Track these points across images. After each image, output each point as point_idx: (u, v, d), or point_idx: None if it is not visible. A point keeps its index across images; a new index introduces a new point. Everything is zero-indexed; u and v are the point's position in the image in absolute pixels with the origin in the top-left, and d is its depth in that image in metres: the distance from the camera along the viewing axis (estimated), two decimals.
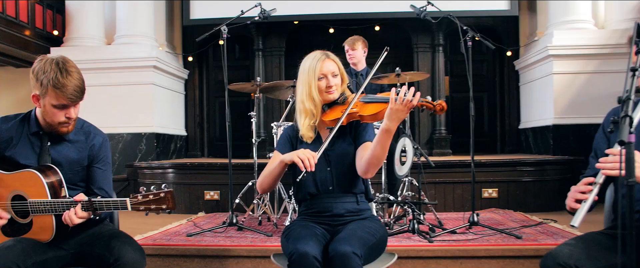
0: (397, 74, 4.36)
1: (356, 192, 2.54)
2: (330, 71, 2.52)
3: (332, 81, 2.52)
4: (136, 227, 4.56)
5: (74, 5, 7.63)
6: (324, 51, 2.58)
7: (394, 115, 2.24)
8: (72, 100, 2.31)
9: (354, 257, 2.15)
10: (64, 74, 2.27)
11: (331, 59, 2.56)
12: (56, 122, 2.36)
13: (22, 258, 2.18)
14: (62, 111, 2.34)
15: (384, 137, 2.29)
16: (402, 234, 3.92)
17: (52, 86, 2.26)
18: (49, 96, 2.30)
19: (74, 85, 2.29)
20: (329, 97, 2.54)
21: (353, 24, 7.73)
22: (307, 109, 2.53)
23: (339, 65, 2.57)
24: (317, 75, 2.51)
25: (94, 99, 7.07)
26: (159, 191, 2.22)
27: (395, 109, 2.23)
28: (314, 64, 2.52)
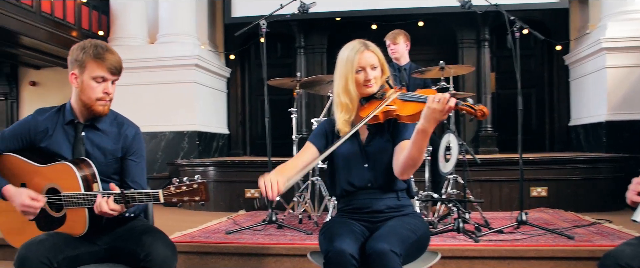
0: (441, 68, 4.21)
1: (397, 189, 2.42)
2: (369, 63, 2.36)
3: (370, 74, 2.36)
4: (175, 224, 4.55)
5: (118, 5, 7.75)
6: (363, 41, 2.42)
7: (431, 115, 2.09)
8: (111, 72, 2.32)
9: (393, 255, 2.03)
10: (104, 49, 2.33)
11: (371, 49, 2.39)
12: (94, 99, 2.34)
13: (53, 252, 2.14)
14: (100, 85, 2.33)
15: (420, 137, 2.15)
16: (446, 233, 3.77)
17: (93, 57, 2.29)
18: (89, 68, 2.31)
19: (114, 58, 2.33)
20: (367, 91, 2.38)
21: (396, 20, 7.56)
22: (343, 103, 2.39)
23: (379, 57, 2.41)
24: (355, 68, 2.35)
25: (137, 98, 7.20)
26: (191, 182, 2.14)
27: (432, 108, 2.07)
28: (352, 55, 2.37)
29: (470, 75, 7.70)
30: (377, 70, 2.40)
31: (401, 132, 2.38)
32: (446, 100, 2.06)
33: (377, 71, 2.40)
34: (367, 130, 2.45)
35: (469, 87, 7.66)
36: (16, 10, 6.65)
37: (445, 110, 2.07)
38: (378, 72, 2.41)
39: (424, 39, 8.02)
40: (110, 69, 2.30)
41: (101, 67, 2.29)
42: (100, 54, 2.29)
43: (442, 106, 2.07)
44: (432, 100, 2.08)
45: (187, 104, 7.28)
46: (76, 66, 2.33)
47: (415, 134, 2.15)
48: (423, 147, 2.19)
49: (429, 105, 2.09)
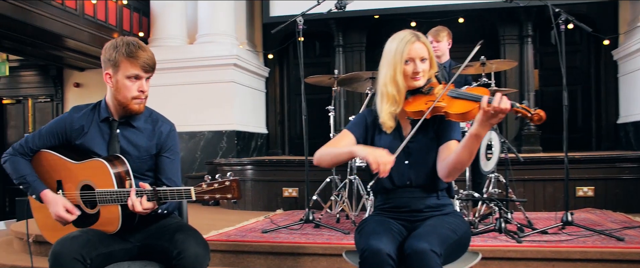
0: (482, 63, 4.08)
1: (438, 189, 2.33)
2: (419, 55, 2.27)
3: (419, 66, 2.27)
4: (212, 223, 4.56)
5: (158, 7, 7.84)
6: (415, 32, 2.32)
7: (486, 120, 2.00)
8: (145, 70, 2.30)
9: (433, 254, 1.95)
10: (137, 46, 2.30)
11: (421, 41, 2.29)
12: (129, 97, 2.33)
13: (86, 249, 2.13)
14: (135, 83, 2.31)
15: (472, 142, 2.06)
16: (487, 233, 3.66)
17: (126, 55, 2.27)
18: (123, 68, 2.29)
19: (146, 55, 2.30)
20: (414, 84, 2.29)
21: (435, 16, 7.44)
22: (389, 94, 2.30)
23: (429, 49, 2.31)
24: (404, 58, 2.26)
25: (176, 97, 7.27)
26: (224, 179, 2.11)
27: (486, 112, 1.98)
28: (402, 46, 2.27)
29: (512, 72, 7.51)
30: (426, 63, 2.31)
31: (448, 131, 2.29)
32: (501, 104, 1.96)
33: (425, 64, 2.31)
34: (411, 126, 2.36)
35: (511, 84, 7.47)
36: (60, 13, 6.80)
37: (500, 113, 1.98)
38: (427, 65, 2.31)
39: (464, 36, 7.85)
40: (144, 66, 2.28)
41: (134, 66, 2.28)
42: (132, 52, 2.26)
43: (498, 110, 1.97)
44: (486, 103, 1.98)
45: (226, 103, 7.31)
46: (110, 66, 2.32)
47: (468, 138, 2.06)
48: (474, 151, 2.10)
49: (482, 108, 1.99)
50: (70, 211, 2.31)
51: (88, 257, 2.14)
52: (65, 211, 2.30)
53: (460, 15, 7.61)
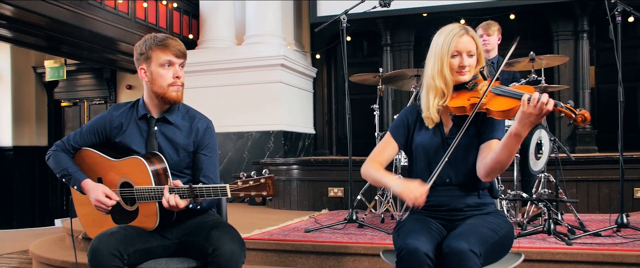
0: (531, 59, 3.95)
1: (479, 188, 2.25)
2: (467, 49, 2.20)
3: (466, 61, 2.20)
4: (257, 221, 4.58)
5: (207, 9, 7.95)
6: (463, 25, 2.26)
7: (525, 119, 1.91)
8: (176, 55, 2.34)
9: (472, 255, 1.88)
10: (164, 36, 2.37)
11: (470, 35, 2.22)
12: (165, 85, 2.36)
13: (123, 245, 2.16)
14: (169, 70, 2.35)
15: (512, 141, 1.98)
16: (535, 235, 3.53)
17: (156, 45, 2.33)
18: (155, 57, 2.34)
19: (175, 42, 2.37)
20: (460, 79, 2.22)
21: (485, 13, 7.23)
22: (437, 87, 2.23)
23: (477, 44, 2.24)
24: (451, 52, 2.20)
25: (224, 98, 7.36)
26: (259, 177, 2.10)
27: (527, 112, 1.90)
28: (450, 38, 2.21)
29: (566, 69, 7.25)
30: (473, 59, 2.24)
31: (490, 130, 2.20)
32: (543, 103, 1.88)
33: (473, 59, 2.24)
34: (452, 122, 2.30)
35: (565, 81, 7.21)
36: (113, 17, 7.00)
37: (541, 113, 1.90)
38: (474, 60, 2.24)
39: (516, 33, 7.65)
40: (175, 52, 2.34)
41: (166, 52, 2.33)
42: (161, 40, 2.33)
43: (539, 109, 1.89)
44: (526, 102, 1.90)
45: (273, 104, 7.35)
46: (142, 60, 2.37)
47: (508, 138, 1.99)
48: (514, 151, 2.02)
49: (523, 107, 1.92)
50: (109, 196, 2.34)
51: (125, 252, 2.17)
52: (104, 196, 2.33)
53: (511, 12, 7.40)
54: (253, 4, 7.67)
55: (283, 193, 5.89)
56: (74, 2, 6.41)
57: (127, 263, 2.19)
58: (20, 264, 4.65)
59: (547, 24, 7.51)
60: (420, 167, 2.31)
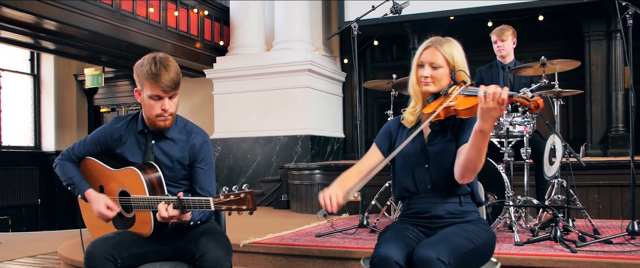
0: (542, 64, 3.91)
1: (459, 193, 2.28)
2: (429, 61, 2.25)
3: (426, 71, 2.25)
4: (273, 225, 4.68)
5: (237, 16, 8.13)
6: (437, 38, 2.32)
7: (486, 114, 1.94)
8: (164, 91, 2.36)
9: (439, 263, 1.91)
10: (159, 66, 2.35)
11: (437, 48, 2.27)
12: (154, 115, 2.43)
13: (117, 249, 2.28)
14: (157, 103, 2.40)
15: (477, 138, 2.00)
16: (543, 242, 3.49)
17: (147, 77, 2.35)
18: (146, 88, 2.39)
19: (168, 76, 2.35)
20: (424, 89, 2.28)
21: (513, 15, 7.18)
22: (413, 95, 2.35)
23: (447, 57, 2.26)
24: (417, 62, 2.29)
25: (254, 103, 7.51)
26: (239, 192, 2.18)
27: (486, 107, 1.93)
28: (419, 49, 2.31)
29: (598, 70, 7.10)
30: (438, 71, 2.27)
31: (465, 132, 2.23)
32: (496, 93, 1.91)
33: (437, 71, 2.26)
34: (430, 129, 2.34)
35: (597, 83, 7.06)
36: (146, 27, 7.25)
37: (499, 105, 1.92)
38: (440, 72, 2.27)
39: (546, 34, 7.54)
40: (164, 88, 2.35)
41: (154, 88, 2.35)
42: (153, 73, 2.33)
43: (495, 101, 1.92)
44: (483, 98, 1.93)
45: (300, 108, 7.45)
46: (138, 84, 2.45)
47: (474, 135, 2.02)
48: (482, 149, 2.05)
49: (481, 103, 1.95)
50: (111, 208, 2.46)
51: (119, 256, 2.29)
52: (106, 208, 2.45)
53: (540, 13, 7.28)
54: (282, 10, 7.80)
55: (305, 197, 5.98)
56: (109, 13, 6.69)
57: (121, 266, 2.30)
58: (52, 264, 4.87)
59: (578, 24, 7.35)
60: (402, 175, 2.35)
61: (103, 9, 6.62)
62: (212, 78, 7.99)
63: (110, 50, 7.84)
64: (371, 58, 8.73)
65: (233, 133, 7.72)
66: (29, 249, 5.27)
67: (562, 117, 7.89)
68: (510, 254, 3.24)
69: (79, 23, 6.41)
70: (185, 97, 9.50)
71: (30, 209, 9.43)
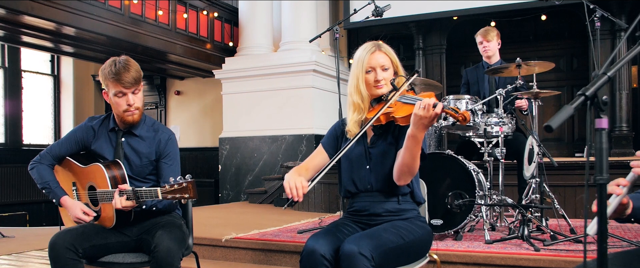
0: (517, 65, 3.96)
1: (398, 193, 2.38)
2: (380, 64, 2.35)
3: (380, 75, 2.35)
4: (264, 222, 4.84)
5: (246, 17, 8.30)
6: (377, 42, 2.43)
7: (418, 122, 2.08)
8: (126, 87, 2.58)
9: (361, 258, 2.02)
10: (118, 66, 2.58)
11: (383, 51, 2.38)
12: (121, 111, 2.64)
13: (79, 240, 2.47)
14: (122, 99, 2.61)
15: (410, 143, 2.13)
16: (512, 240, 3.57)
17: (110, 77, 2.58)
18: (111, 87, 2.61)
19: (129, 74, 2.58)
20: (377, 92, 2.36)
21: (516, 15, 7.22)
22: (355, 103, 2.40)
23: (391, 58, 2.39)
24: (365, 68, 2.36)
25: (261, 103, 7.69)
26: (182, 181, 2.34)
27: (418, 115, 2.06)
28: (363, 55, 2.37)
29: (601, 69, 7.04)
30: (389, 72, 2.38)
31: (404, 137, 2.34)
32: (429, 105, 2.04)
33: (388, 73, 2.38)
34: (373, 132, 2.45)
35: None
36: (155, 30, 7.48)
37: (430, 116, 2.05)
38: (389, 73, 2.39)
39: (551, 34, 7.53)
40: (125, 84, 2.57)
41: (117, 85, 2.58)
42: (114, 72, 2.56)
43: (427, 112, 2.05)
44: (418, 107, 2.06)
45: (305, 108, 7.59)
46: (104, 86, 2.66)
47: (406, 140, 2.14)
48: (415, 153, 2.16)
49: (415, 112, 2.08)
50: (87, 213, 2.65)
51: (80, 247, 2.48)
52: (82, 213, 2.64)
53: (543, 12, 7.28)
54: (289, 11, 7.95)
55: None
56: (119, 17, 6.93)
57: (82, 256, 2.49)
58: None
59: (581, 24, 7.30)
60: (346, 175, 2.47)
61: (114, 13, 6.86)
62: (221, 78, 8.18)
63: (125, 52, 8.07)
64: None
65: (241, 132, 7.90)
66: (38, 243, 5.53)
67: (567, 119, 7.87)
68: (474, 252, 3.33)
69: (91, 27, 6.68)
70: (197, 97, 9.73)
71: (49, 205, 9.79)
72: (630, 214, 1.71)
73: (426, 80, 4.30)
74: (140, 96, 2.69)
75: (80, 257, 2.49)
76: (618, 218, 1.73)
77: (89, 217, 2.64)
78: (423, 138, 2.16)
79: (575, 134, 7.63)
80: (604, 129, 1.28)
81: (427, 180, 3.72)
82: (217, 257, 4.08)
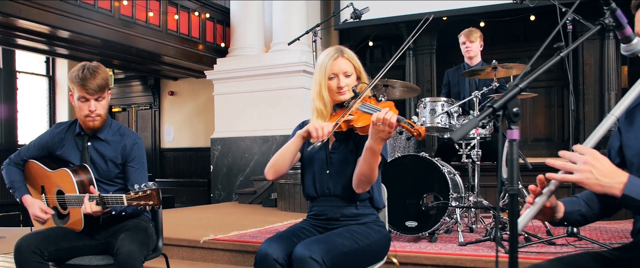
0: (493, 67, 3.99)
1: (357, 199, 2.41)
2: (342, 71, 2.38)
3: (342, 81, 2.37)
4: (248, 222, 4.93)
5: (237, 18, 8.33)
6: (340, 47, 2.45)
7: (375, 134, 2.10)
8: (90, 93, 2.63)
9: (311, 262, 2.04)
10: (85, 73, 2.63)
11: (345, 57, 2.41)
12: (83, 116, 2.69)
13: (45, 244, 2.51)
14: (85, 104, 2.66)
15: (368, 155, 2.16)
16: (483, 242, 3.59)
17: (75, 82, 2.64)
18: (75, 91, 2.67)
19: (94, 82, 2.62)
20: (339, 98, 2.39)
21: (505, 15, 7.22)
22: (318, 109, 2.42)
23: (354, 64, 2.43)
24: (328, 75, 2.39)
25: (252, 104, 7.73)
26: (146, 188, 2.38)
27: (376, 128, 2.09)
28: (326, 61, 2.40)
29: (591, 70, 7.07)
30: (351, 78, 2.41)
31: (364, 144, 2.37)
32: (386, 118, 2.06)
33: (350, 79, 2.41)
34: (335, 138, 2.48)
35: (590, 82, 7.03)
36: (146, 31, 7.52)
37: (388, 128, 2.08)
38: (352, 79, 2.42)
39: (541, 34, 7.54)
40: (89, 91, 2.62)
41: (81, 90, 2.63)
42: (80, 78, 2.61)
43: (385, 125, 2.07)
44: (376, 118, 2.08)
45: (295, 108, 7.61)
46: (71, 88, 2.71)
47: (364, 151, 2.17)
48: (373, 164, 2.19)
49: (372, 123, 2.10)
50: (45, 211, 2.71)
51: (46, 250, 2.52)
52: (40, 211, 2.70)
53: (531, 13, 7.28)
54: (280, 12, 7.97)
55: (288, 196, 6.15)
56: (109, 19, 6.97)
57: (48, 259, 2.53)
58: None
59: None
60: (307, 178, 2.50)
61: (104, 15, 6.90)
62: (213, 79, 8.22)
63: (119, 54, 8.15)
64: (371, 58, 8.84)
65: (232, 132, 7.94)
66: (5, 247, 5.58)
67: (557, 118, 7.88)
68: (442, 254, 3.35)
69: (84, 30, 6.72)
70: (191, 98, 9.78)
71: None
72: (563, 218, 1.73)
73: (405, 83, 4.34)
74: (104, 104, 2.73)
75: (46, 260, 2.53)
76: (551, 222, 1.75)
77: (47, 215, 2.69)
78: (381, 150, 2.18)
79: (565, 133, 7.64)
80: (515, 140, 1.30)
81: (401, 183, 3.78)
82: (196, 258, 4.12)
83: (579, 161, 1.49)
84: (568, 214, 1.73)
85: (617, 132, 1.81)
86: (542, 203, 1.57)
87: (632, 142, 1.71)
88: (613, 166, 1.48)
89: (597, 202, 1.78)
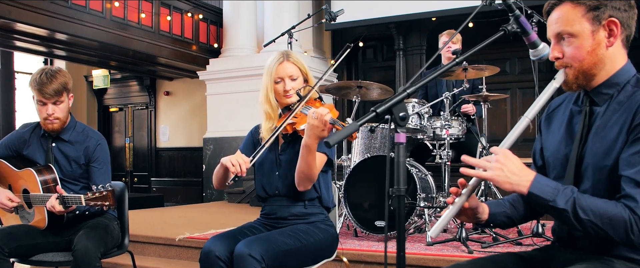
0: (464, 69, 4.03)
1: (305, 198, 2.47)
2: (288, 74, 2.44)
3: (288, 85, 2.44)
4: (228, 221, 5.01)
5: (230, 18, 8.37)
6: (285, 51, 2.51)
7: (310, 131, 2.16)
8: (46, 98, 2.74)
9: (250, 259, 2.11)
10: (43, 77, 2.73)
11: (291, 61, 2.46)
12: (42, 119, 2.81)
13: (5, 240, 2.61)
14: (43, 108, 2.77)
15: (304, 152, 2.22)
16: (451, 242, 3.64)
17: (33, 86, 2.76)
18: (34, 95, 2.78)
19: (50, 87, 2.72)
20: (286, 101, 2.47)
21: (494, 16, 7.19)
22: (266, 112, 2.50)
23: (300, 67, 2.47)
24: (274, 78, 2.45)
25: (244, 104, 7.78)
26: (102, 190, 2.46)
27: (311, 124, 2.15)
28: (272, 65, 2.46)
29: None
30: (298, 81, 2.47)
31: None
32: (321, 114, 2.13)
33: (297, 82, 2.47)
34: (283, 139, 2.54)
35: None
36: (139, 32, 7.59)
37: (323, 126, 2.14)
38: (298, 82, 2.47)
39: None
40: (46, 95, 2.73)
41: (39, 94, 2.75)
42: (37, 82, 2.73)
43: (320, 122, 2.13)
44: (311, 117, 2.15)
45: None
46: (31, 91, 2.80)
47: (301, 149, 2.24)
48: (310, 161, 2.25)
49: (308, 121, 2.16)
50: (12, 200, 2.81)
51: (7, 247, 2.62)
52: (7, 199, 2.81)
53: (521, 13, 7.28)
54: (271, 13, 8.03)
55: None
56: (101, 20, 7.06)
57: (9, 255, 2.64)
58: None
59: None
60: (258, 179, 2.57)
61: (95, 16, 6.97)
62: (205, 79, 8.29)
63: (115, 55, 8.25)
64: (363, 58, 8.88)
65: (224, 132, 8.01)
66: None
67: None
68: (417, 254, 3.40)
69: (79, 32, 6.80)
70: (186, 98, 9.87)
71: None
72: (488, 219, 1.78)
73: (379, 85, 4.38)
74: (63, 107, 2.82)
75: (7, 256, 2.63)
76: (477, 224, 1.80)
77: (13, 203, 2.79)
78: (316, 147, 2.24)
79: None
80: (402, 144, 1.34)
81: (372, 183, 3.84)
82: (172, 256, 4.19)
83: (492, 160, 1.54)
84: (493, 216, 1.78)
85: (539, 135, 1.86)
86: (461, 203, 1.61)
87: (549, 144, 1.77)
88: (523, 165, 1.53)
89: (522, 204, 1.83)
